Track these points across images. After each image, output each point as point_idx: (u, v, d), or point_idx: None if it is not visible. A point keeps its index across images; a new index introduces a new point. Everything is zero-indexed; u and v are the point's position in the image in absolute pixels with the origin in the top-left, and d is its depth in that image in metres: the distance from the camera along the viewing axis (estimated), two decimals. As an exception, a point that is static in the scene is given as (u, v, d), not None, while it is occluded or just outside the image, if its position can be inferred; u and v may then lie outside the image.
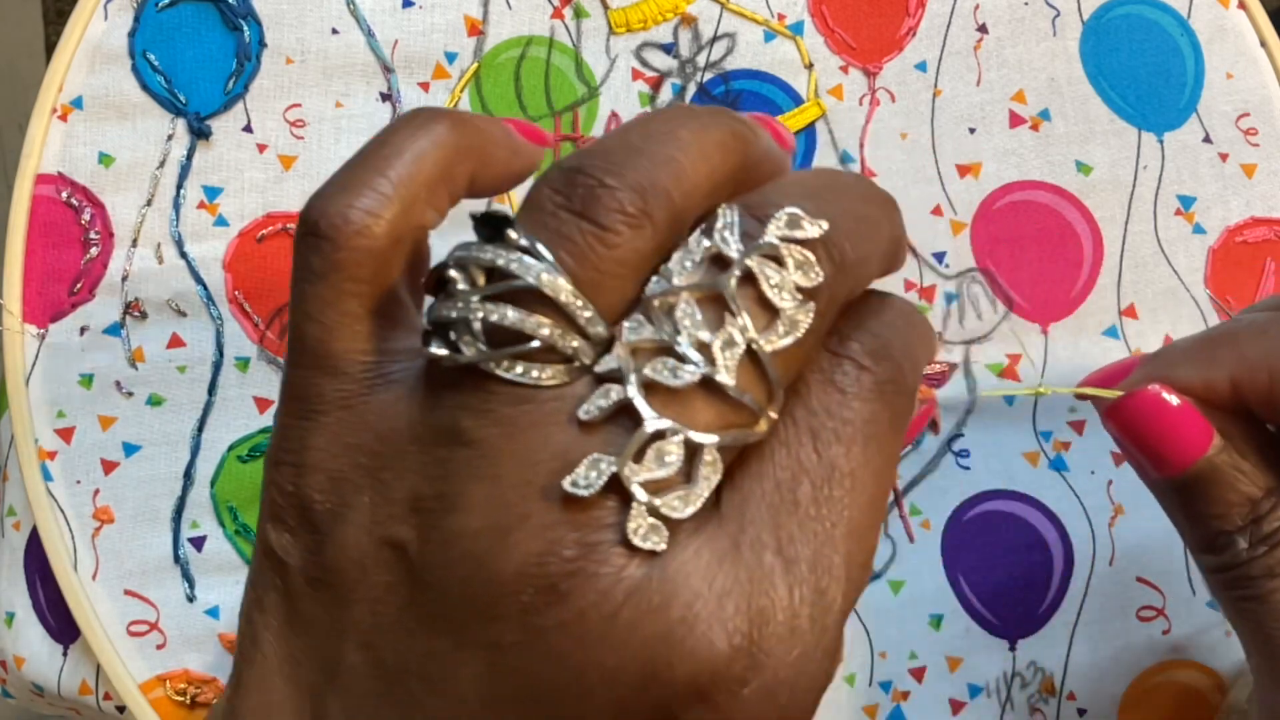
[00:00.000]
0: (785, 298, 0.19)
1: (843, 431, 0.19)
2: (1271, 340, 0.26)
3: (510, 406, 0.18)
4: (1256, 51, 0.42)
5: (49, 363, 0.37)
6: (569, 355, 0.18)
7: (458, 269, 0.19)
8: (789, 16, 0.40)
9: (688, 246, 0.19)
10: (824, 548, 0.18)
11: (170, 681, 0.37)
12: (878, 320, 0.21)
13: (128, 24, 0.38)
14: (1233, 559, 0.26)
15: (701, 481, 0.18)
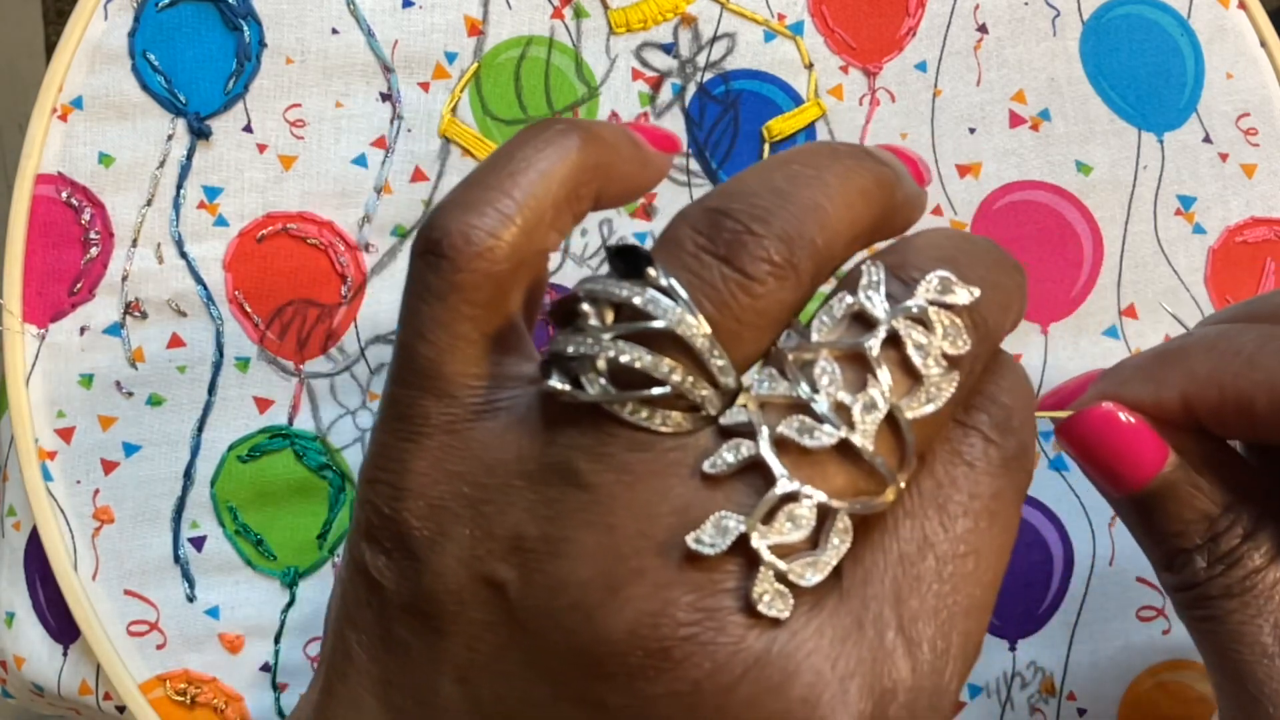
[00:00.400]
0: (931, 364, 0.18)
1: (970, 506, 0.19)
2: (1220, 355, 0.25)
3: (630, 452, 0.18)
4: (1256, 51, 0.42)
5: (49, 363, 0.37)
6: (697, 404, 0.18)
7: (589, 302, 0.18)
8: (789, 16, 0.40)
9: (829, 304, 0.18)
10: (945, 626, 0.18)
11: (170, 681, 0.37)
12: (999, 388, 0.20)
13: (128, 24, 0.38)
14: (1191, 578, 0.26)
15: (830, 549, 0.17)
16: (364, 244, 0.38)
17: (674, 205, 0.39)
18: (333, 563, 0.38)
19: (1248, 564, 0.25)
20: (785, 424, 0.17)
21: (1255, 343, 0.25)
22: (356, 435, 0.38)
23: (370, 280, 0.38)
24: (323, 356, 0.38)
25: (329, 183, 0.38)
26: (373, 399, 0.38)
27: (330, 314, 0.38)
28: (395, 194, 0.38)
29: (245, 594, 0.37)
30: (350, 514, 0.38)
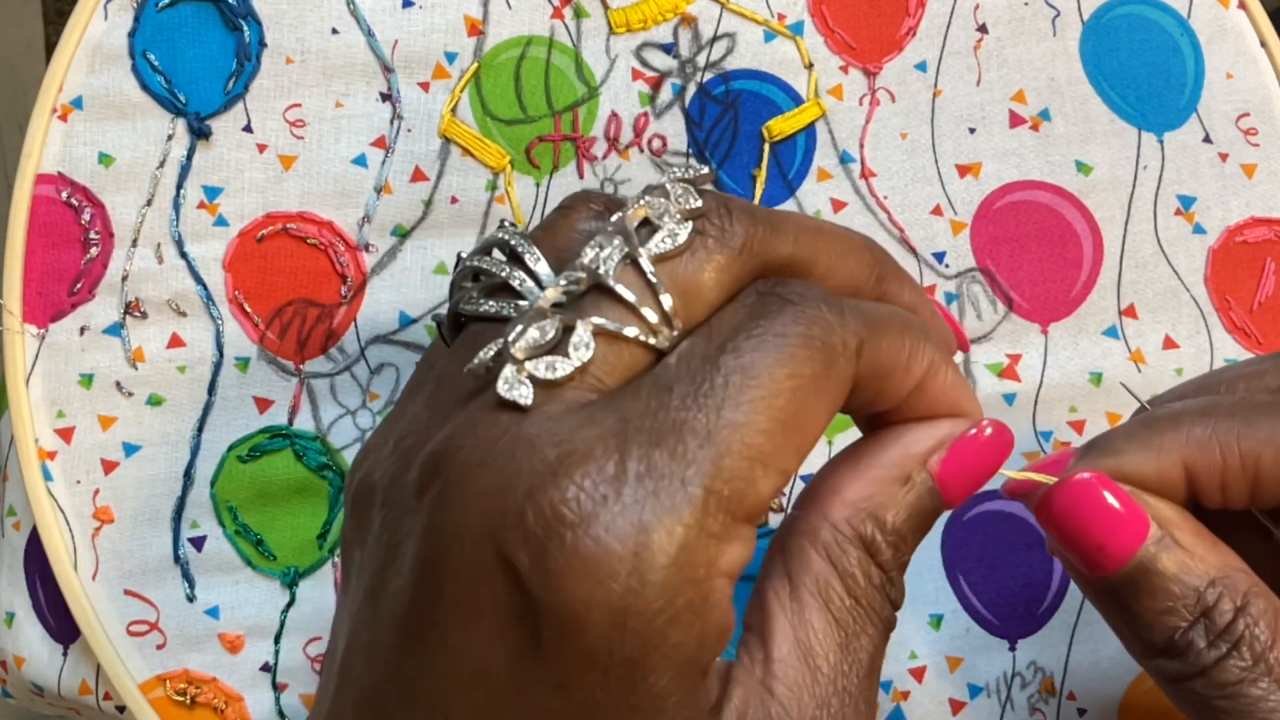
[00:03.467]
0: (665, 219, 0.21)
1: (741, 344, 0.20)
2: (1216, 420, 0.25)
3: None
4: (1256, 51, 0.42)
5: (49, 363, 0.37)
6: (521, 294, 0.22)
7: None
8: (789, 16, 0.40)
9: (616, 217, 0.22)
10: (686, 434, 0.19)
11: (170, 681, 0.37)
12: (845, 298, 0.22)
13: (128, 24, 0.38)
14: (1195, 663, 0.25)
15: (572, 352, 0.20)
16: (364, 244, 0.38)
17: (674, 205, 0.39)
18: (333, 562, 0.38)
19: (1255, 643, 0.24)
20: (558, 284, 0.21)
21: (1243, 406, 0.25)
22: (356, 435, 0.38)
23: (370, 280, 0.38)
24: (323, 356, 0.38)
25: (329, 183, 0.38)
26: (373, 399, 0.38)
27: (330, 314, 0.38)
28: (395, 194, 0.38)
29: (245, 594, 0.37)
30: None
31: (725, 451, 0.19)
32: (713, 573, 0.19)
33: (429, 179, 0.38)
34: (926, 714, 0.38)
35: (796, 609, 0.22)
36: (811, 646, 0.21)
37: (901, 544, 0.23)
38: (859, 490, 0.23)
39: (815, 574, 0.22)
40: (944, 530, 0.39)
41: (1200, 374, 0.30)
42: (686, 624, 0.19)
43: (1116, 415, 0.40)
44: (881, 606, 0.23)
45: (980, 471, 0.24)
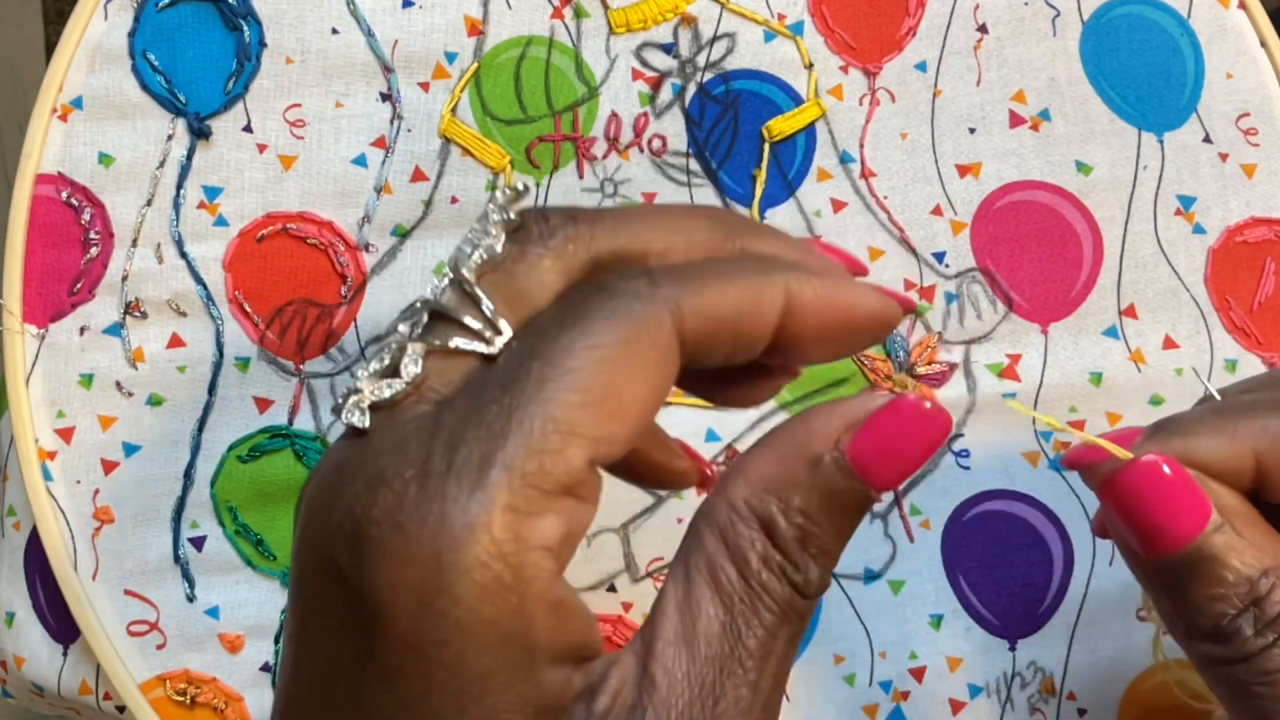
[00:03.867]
0: (481, 235, 0.22)
1: (548, 328, 0.21)
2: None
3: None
4: (1256, 51, 0.42)
5: (49, 363, 0.37)
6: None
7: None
8: (789, 16, 0.40)
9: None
10: (490, 419, 0.20)
11: (170, 681, 0.37)
12: (665, 267, 0.22)
13: (128, 24, 0.38)
14: (1240, 649, 0.25)
15: (403, 371, 0.21)
16: (364, 244, 0.38)
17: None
18: (333, 563, 0.38)
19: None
20: (403, 321, 0.22)
21: None
22: (356, 435, 0.38)
23: (370, 280, 0.38)
24: (323, 356, 0.38)
25: (329, 183, 0.38)
26: (373, 399, 0.38)
27: (330, 314, 0.38)
28: (395, 194, 0.38)
29: (245, 594, 0.37)
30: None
31: (526, 428, 0.19)
32: (523, 548, 0.19)
33: (429, 179, 0.38)
34: (926, 714, 0.38)
35: (685, 590, 0.21)
36: (695, 627, 0.21)
37: (811, 527, 0.22)
38: (761, 469, 0.22)
39: (707, 553, 0.21)
40: (944, 530, 0.39)
41: (1267, 371, 0.30)
42: (498, 600, 0.19)
43: (1116, 415, 0.40)
44: (778, 590, 0.21)
45: (903, 448, 0.22)
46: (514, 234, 0.22)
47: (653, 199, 0.39)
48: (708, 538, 0.22)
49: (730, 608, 0.21)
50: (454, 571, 0.19)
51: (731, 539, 0.21)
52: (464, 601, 0.19)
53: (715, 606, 0.21)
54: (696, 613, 0.21)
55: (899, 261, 0.40)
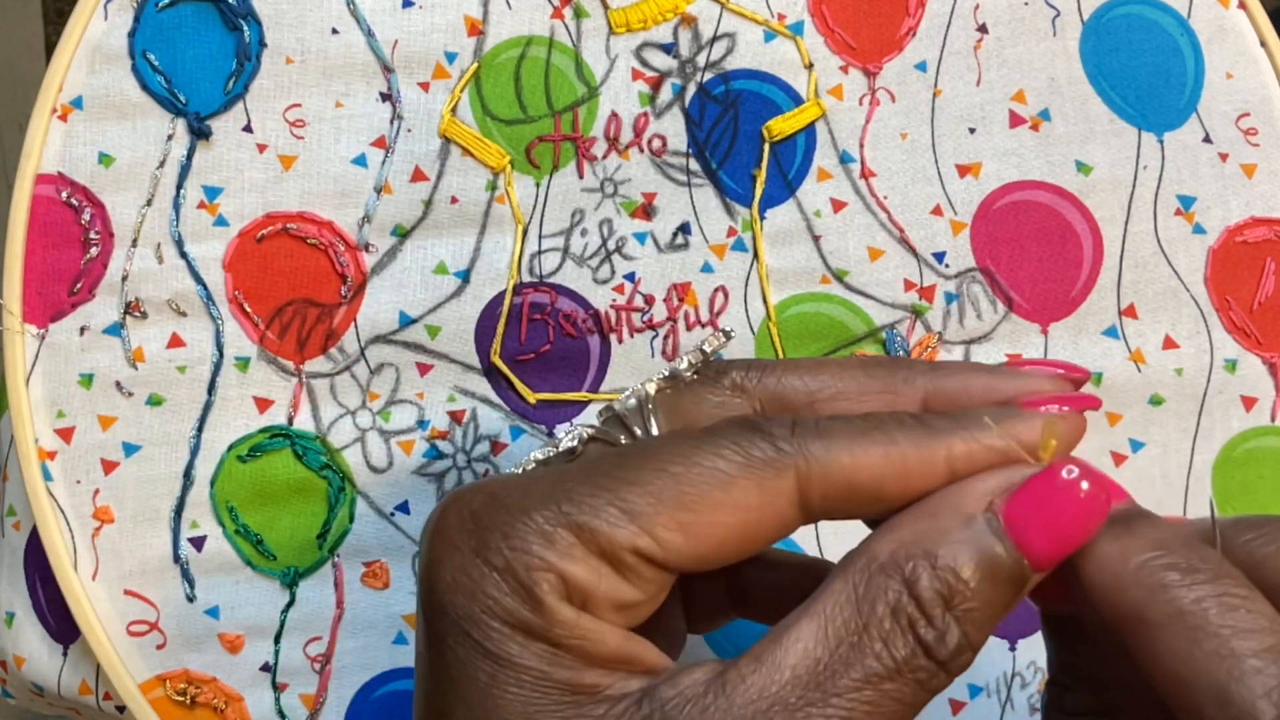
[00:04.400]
0: (679, 361, 0.26)
1: (671, 436, 0.23)
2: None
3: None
4: (1256, 51, 0.42)
5: (49, 363, 0.37)
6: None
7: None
8: (789, 16, 0.40)
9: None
10: (574, 478, 0.22)
11: (170, 681, 0.37)
12: (818, 420, 0.23)
13: (128, 24, 0.38)
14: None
15: (561, 442, 0.25)
16: (364, 244, 0.38)
17: (674, 204, 0.39)
18: (333, 562, 0.38)
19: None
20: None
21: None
22: (356, 435, 0.38)
23: (370, 280, 0.38)
24: (322, 356, 0.38)
25: (329, 183, 0.38)
26: (373, 399, 0.38)
27: (330, 314, 0.38)
28: (395, 194, 0.38)
29: (245, 594, 0.37)
30: (350, 514, 0.38)
31: (596, 492, 0.22)
32: (547, 568, 0.21)
33: (429, 179, 0.38)
34: (926, 714, 0.38)
35: (794, 620, 0.21)
36: (785, 649, 0.21)
37: (960, 589, 0.20)
38: (912, 526, 0.21)
39: (830, 593, 0.21)
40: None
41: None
42: (517, 598, 0.21)
43: (1117, 415, 0.40)
44: (899, 644, 0.20)
45: (1063, 521, 0.21)
46: (701, 369, 0.26)
47: (653, 199, 0.39)
48: (835, 583, 0.21)
49: (834, 647, 0.20)
50: (485, 562, 0.22)
51: (859, 582, 0.21)
52: (488, 589, 0.21)
53: (817, 640, 0.21)
54: (794, 642, 0.21)
55: (899, 261, 0.40)
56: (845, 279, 0.40)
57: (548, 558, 0.21)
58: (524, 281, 0.39)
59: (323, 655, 0.38)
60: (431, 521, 0.23)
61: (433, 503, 0.38)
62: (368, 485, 0.38)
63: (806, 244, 0.39)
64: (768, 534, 0.22)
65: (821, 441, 0.22)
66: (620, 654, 0.22)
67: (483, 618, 0.21)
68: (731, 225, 0.39)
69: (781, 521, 0.22)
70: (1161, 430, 0.40)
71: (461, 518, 0.22)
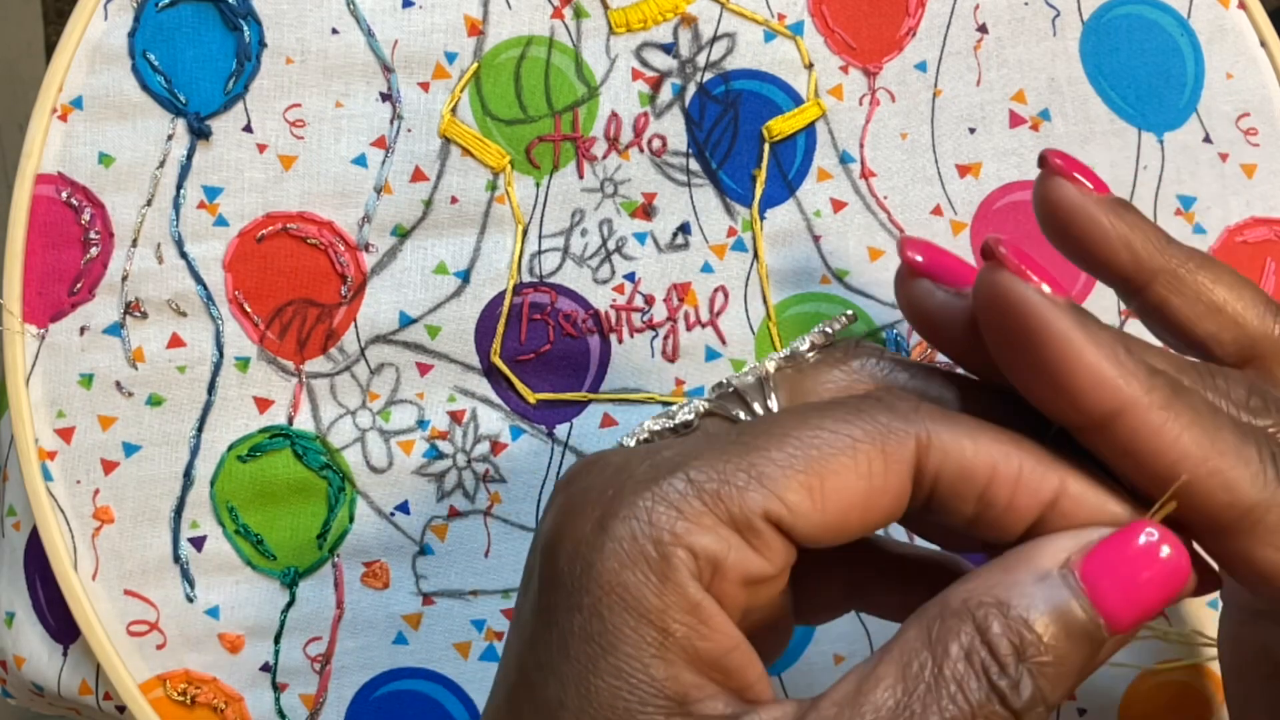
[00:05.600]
0: (799, 344, 0.25)
1: (799, 406, 0.23)
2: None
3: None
4: (1256, 51, 0.42)
5: (49, 363, 0.37)
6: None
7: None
8: (789, 16, 0.40)
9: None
10: (705, 446, 0.22)
11: (170, 681, 0.37)
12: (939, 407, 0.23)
13: (128, 24, 0.38)
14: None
15: (677, 415, 0.25)
16: (364, 244, 0.38)
17: (674, 204, 0.39)
18: (333, 563, 0.38)
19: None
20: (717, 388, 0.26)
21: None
22: (356, 435, 0.38)
23: (370, 280, 0.38)
24: (323, 356, 0.38)
25: (329, 183, 0.38)
26: (373, 399, 0.38)
27: (330, 314, 0.38)
28: (395, 194, 0.38)
29: (245, 594, 0.37)
30: (350, 514, 0.38)
31: (723, 458, 0.21)
32: (676, 541, 0.21)
33: (429, 179, 0.38)
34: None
35: (870, 668, 0.21)
36: (866, 698, 0.20)
37: (1032, 640, 0.20)
38: (987, 578, 0.21)
39: (905, 639, 0.21)
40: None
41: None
42: (640, 572, 0.21)
43: (1116, 415, 0.40)
44: (973, 687, 0.20)
45: (1142, 583, 0.21)
46: (824, 349, 0.25)
47: (653, 199, 0.39)
48: (911, 630, 0.21)
49: (910, 690, 0.20)
50: (609, 534, 0.21)
51: (933, 628, 0.21)
52: (608, 560, 0.21)
53: (895, 687, 0.20)
54: (873, 687, 0.21)
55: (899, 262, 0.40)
56: (845, 279, 0.40)
57: (677, 528, 0.21)
58: (524, 281, 0.39)
59: (323, 655, 0.38)
60: (558, 492, 0.23)
61: (433, 503, 0.38)
62: (368, 485, 0.38)
63: (806, 244, 0.39)
64: (888, 507, 0.22)
65: (946, 421, 0.22)
66: (725, 660, 0.21)
67: (599, 592, 0.21)
68: (731, 225, 0.39)
69: (900, 495, 0.22)
70: (1161, 430, 0.40)
71: (587, 487, 0.22)
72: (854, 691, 0.21)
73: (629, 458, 0.22)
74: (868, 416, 0.22)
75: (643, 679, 0.21)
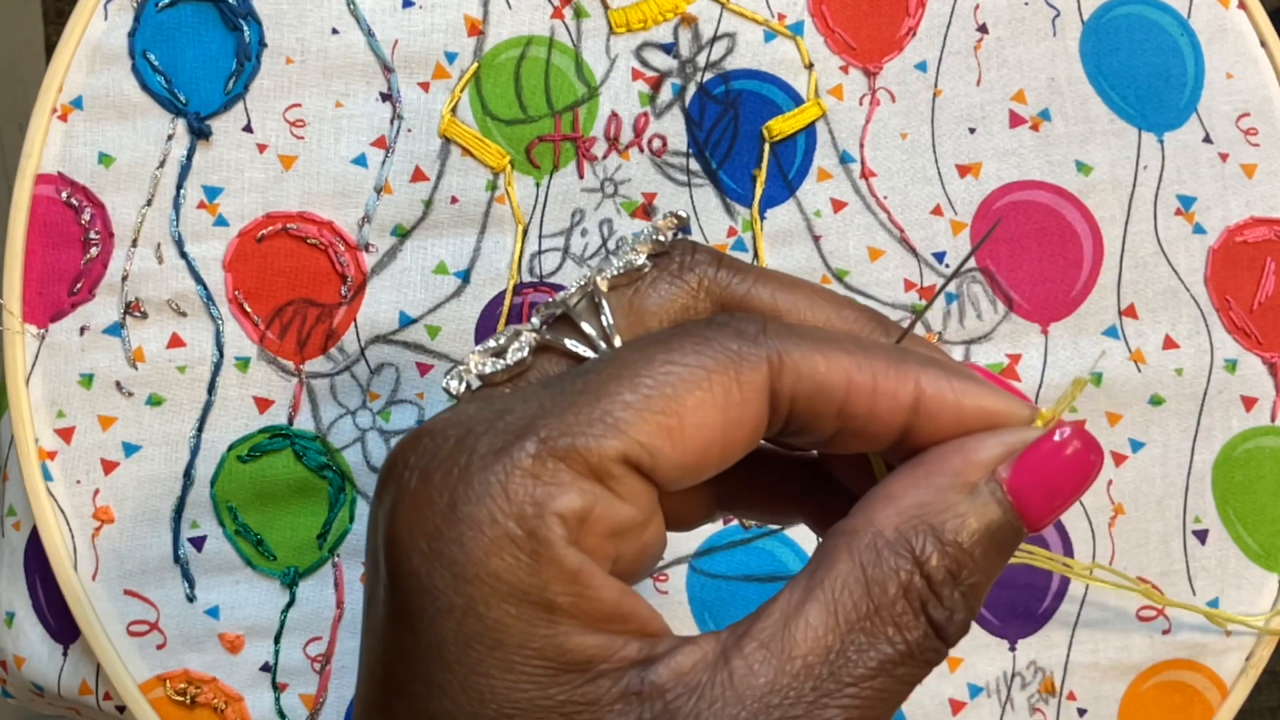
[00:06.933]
0: (625, 251, 0.23)
1: (640, 340, 0.21)
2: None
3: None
4: (1256, 51, 0.42)
5: (49, 363, 0.37)
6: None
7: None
8: (789, 16, 0.40)
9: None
10: (544, 398, 0.21)
11: (170, 681, 0.37)
12: (784, 323, 0.22)
13: (128, 24, 0.38)
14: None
15: (509, 355, 0.22)
16: (364, 244, 0.38)
17: (674, 204, 0.39)
18: (333, 562, 0.38)
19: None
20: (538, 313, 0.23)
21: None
22: (356, 435, 0.38)
23: (370, 280, 0.38)
24: (323, 356, 0.38)
25: (329, 183, 0.38)
26: (373, 399, 0.38)
27: (330, 314, 0.38)
28: (395, 194, 0.38)
29: (245, 594, 0.37)
30: (350, 514, 0.38)
31: (572, 408, 0.20)
32: (541, 512, 0.19)
33: (429, 179, 0.38)
34: (926, 714, 0.38)
35: (799, 600, 0.20)
36: (795, 638, 0.20)
37: (966, 563, 0.20)
38: (914, 497, 0.21)
39: (836, 573, 0.20)
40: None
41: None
42: (509, 555, 0.19)
43: (1116, 415, 0.40)
44: (911, 625, 0.20)
45: (1061, 484, 0.21)
46: (657, 258, 0.23)
47: (653, 199, 0.39)
48: (842, 560, 0.20)
49: (845, 634, 0.20)
50: (465, 522, 0.19)
51: (869, 563, 0.20)
52: (471, 551, 0.19)
53: (828, 627, 0.20)
54: (803, 625, 0.20)
55: (899, 261, 0.40)
56: (845, 279, 0.39)
57: (537, 495, 0.19)
58: (524, 281, 0.39)
59: (323, 655, 0.38)
60: (390, 475, 0.20)
61: (433, 503, 0.38)
62: (368, 485, 0.38)
63: (806, 244, 0.39)
64: (746, 436, 0.21)
65: (794, 339, 0.21)
66: (616, 610, 0.20)
67: (468, 588, 0.19)
68: (732, 225, 0.39)
69: (758, 422, 0.21)
70: (1161, 430, 0.40)
71: (426, 468, 0.20)
72: (780, 629, 0.20)
73: (468, 425, 0.20)
74: (718, 345, 0.20)
75: (539, 664, 0.19)
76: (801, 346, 0.21)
